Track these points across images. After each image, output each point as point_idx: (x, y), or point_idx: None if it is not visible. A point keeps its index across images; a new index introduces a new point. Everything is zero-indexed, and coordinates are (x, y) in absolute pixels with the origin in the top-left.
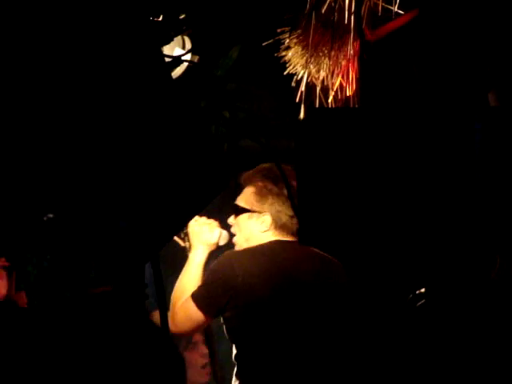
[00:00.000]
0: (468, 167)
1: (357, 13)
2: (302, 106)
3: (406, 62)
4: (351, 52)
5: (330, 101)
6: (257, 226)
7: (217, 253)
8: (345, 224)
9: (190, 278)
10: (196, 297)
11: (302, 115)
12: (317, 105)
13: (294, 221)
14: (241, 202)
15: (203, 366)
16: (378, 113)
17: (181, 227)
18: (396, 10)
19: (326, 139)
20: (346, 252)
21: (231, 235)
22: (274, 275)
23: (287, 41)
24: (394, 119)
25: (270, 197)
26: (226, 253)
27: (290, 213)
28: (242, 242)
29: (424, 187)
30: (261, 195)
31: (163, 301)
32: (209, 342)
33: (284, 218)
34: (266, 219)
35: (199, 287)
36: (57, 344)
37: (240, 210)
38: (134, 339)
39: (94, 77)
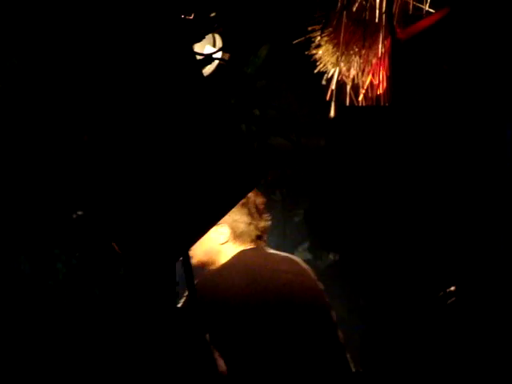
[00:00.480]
0: (499, 167)
1: (388, 11)
2: (333, 104)
3: (437, 60)
4: (382, 50)
5: (360, 99)
6: (215, 239)
7: None
8: (376, 219)
9: None
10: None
11: (332, 113)
12: (347, 103)
13: (252, 227)
14: None
15: None
16: (409, 111)
17: (211, 225)
18: (427, 8)
19: (356, 137)
20: (378, 247)
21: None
22: (255, 286)
23: (318, 39)
24: (424, 118)
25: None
26: (207, 274)
27: (247, 220)
28: (200, 256)
29: (454, 186)
30: None
31: (194, 297)
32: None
33: (242, 226)
34: (224, 230)
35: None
36: (85, 340)
37: None
38: (164, 336)
39: (125, 74)
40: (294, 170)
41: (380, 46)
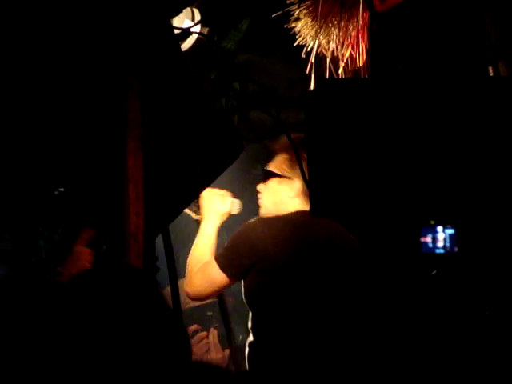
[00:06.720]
0: (475, 136)
1: None
2: (312, 78)
3: (416, 32)
4: (361, 23)
5: (339, 72)
6: (286, 192)
7: (231, 223)
8: (356, 194)
9: (204, 247)
10: (220, 258)
11: (311, 86)
12: (327, 76)
13: None
14: (272, 167)
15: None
16: (388, 84)
17: (191, 200)
18: None
19: (335, 110)
20: (358, 222)
21: (258, 205)
22: (300, 246)
23: (297, 12)
24: (403, 90)
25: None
26: (257, 218)
27: None
28: (269, 206)
29: (436, 156)
30: (293, 162)
31: (174, 274)
32: (225, 317)
33: None
34: (296, 185)
35: (224, 249)
36: (65, 317)
37: (271, 175)
38: (144, 313)
39: (102, 49)
40: (273, 144)
41: (359, 18)
